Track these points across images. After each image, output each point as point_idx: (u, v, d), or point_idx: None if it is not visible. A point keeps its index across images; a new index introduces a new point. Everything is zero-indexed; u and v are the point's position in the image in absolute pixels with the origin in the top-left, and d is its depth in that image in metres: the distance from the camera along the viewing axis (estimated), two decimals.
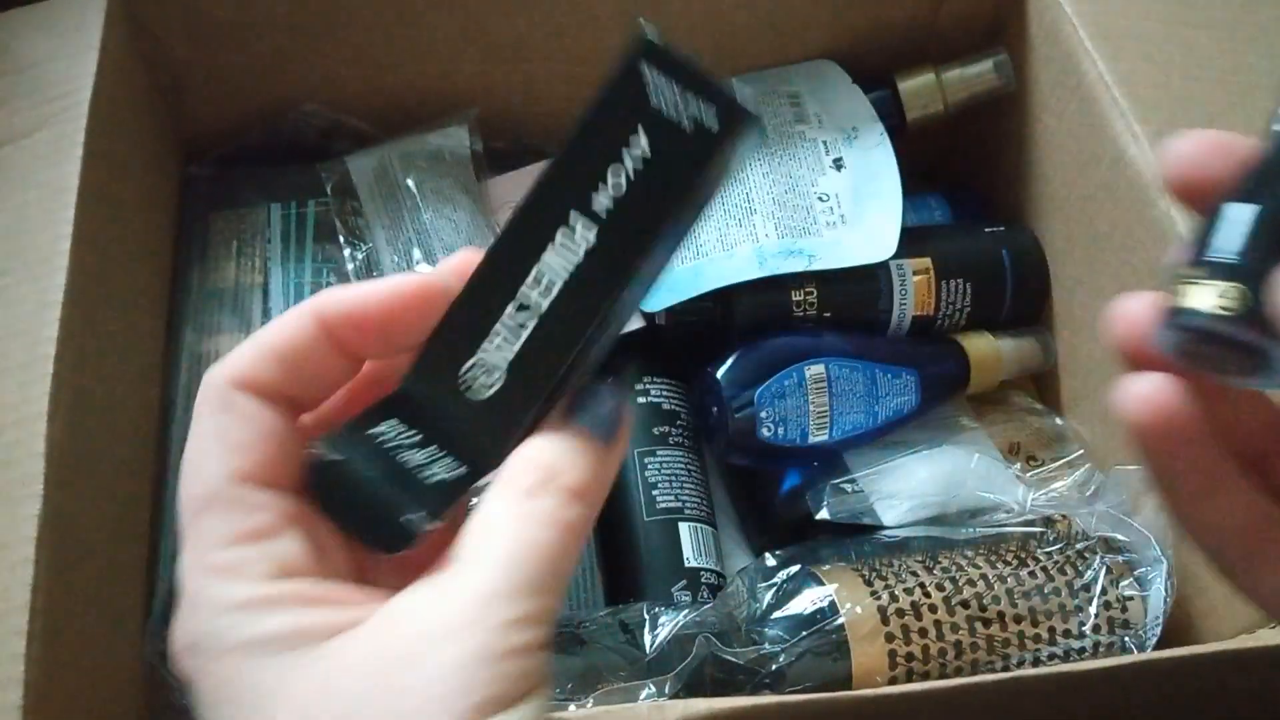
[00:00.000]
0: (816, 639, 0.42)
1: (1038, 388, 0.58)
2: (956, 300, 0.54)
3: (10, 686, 0.32)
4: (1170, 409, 0.23)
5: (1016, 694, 0.39)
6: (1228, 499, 0.24)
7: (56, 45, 0.46)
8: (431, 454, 0.24)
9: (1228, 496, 0.24)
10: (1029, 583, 0.44)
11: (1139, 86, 0.49)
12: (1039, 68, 0.56)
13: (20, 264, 0.40)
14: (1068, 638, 0.44)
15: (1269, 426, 0.26)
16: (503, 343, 0.24)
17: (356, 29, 0.55)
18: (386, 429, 0.24)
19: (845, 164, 0.55)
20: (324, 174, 0.55)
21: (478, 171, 0.56)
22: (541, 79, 0.58)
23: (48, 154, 0.43)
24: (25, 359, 0.37)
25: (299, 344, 0.25)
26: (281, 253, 0.53)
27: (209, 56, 0.54)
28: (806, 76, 0.58)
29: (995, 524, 0.48)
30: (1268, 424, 0.26)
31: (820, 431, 0.50)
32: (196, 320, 0.51)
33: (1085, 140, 0.51)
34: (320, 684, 0.21)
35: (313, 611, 0.22)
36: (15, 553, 0.34)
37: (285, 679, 0.22)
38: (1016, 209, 0.59)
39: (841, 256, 0.52)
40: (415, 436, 0.24)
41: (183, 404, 0.49)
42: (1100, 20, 0.52)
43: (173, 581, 0.44)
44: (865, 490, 0.50)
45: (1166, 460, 0.24)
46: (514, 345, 0.24)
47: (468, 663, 0.21)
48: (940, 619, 0.43)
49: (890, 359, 0.52)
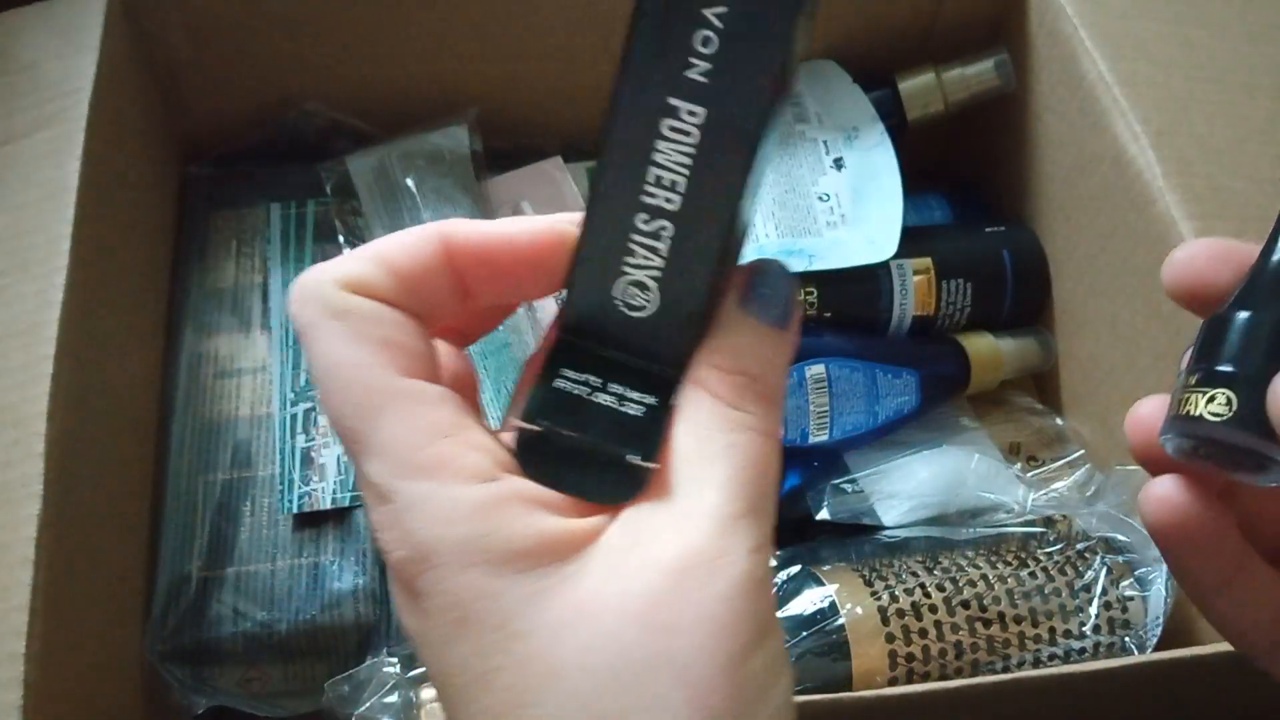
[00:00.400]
0: (817, 639, 0.42)
1: (1038, 388, 0.58)
2: (957, 300, 0.54)
3: (10, 686, 0.32)
4: (1184, 509, 0.24)
5: (1017, 694, 0.39)
6: (1250, 591, 0.25)
7: (56, 45, 0.46)
8: (619, 391, 0.23)
9: (1250, 588, 0.25)
10: (1029, 583, 0.44)
11: (1139, 86, 0.49)
12: (1039, 68, 0.56)
13: (20, 264, 0.40)
14: (1068, 638, 0.44)
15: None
16: (646, 255, 0.22)
17: (357, 28, 0.55)
18: (565, 383, 0.23)
19: (846, 164, 0.55)
20: (324, 174, 0.55)
21: (478, 171, 0.56)
22: (541, 79, 0.58)
23: (48, 154, 0.43)
24: (25, 359, 0.37)
25: (420, 263, 0.23)
26: (281, 252, 0.53)
27: (209, 56, 0.54)
28: (807, 76, 0.58)
29: (996, 524, 0.48)
30: None
31: (820, 431, 0.50)
32: (196, 320, 0.51)
33: (1085, 140, 0.51)
34: (575, 612, 0.20)
35: (549, 518, 0.21)
36: (15, 553, 0.34)
37: (534, 601, 0.20)
38: (1017, 209, 0.59)
39: (842, 256, 0.52)
40: (596, 380, 0.23)
41: (182, 404, 0.49)
42: (1100, 20, 0.52)
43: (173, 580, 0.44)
44: (865, 490, 0.50)
45: (1185, 557, 0.25)
46: (659, 255, 0.22)
47: (732, 596, 0.20)
48: (941, 619, 0.43)
49: (890, 359, 0.52)
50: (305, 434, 0.48)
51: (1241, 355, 0.23)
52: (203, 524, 0.46)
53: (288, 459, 0.47)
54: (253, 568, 0.45)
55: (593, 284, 0.23)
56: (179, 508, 0.46)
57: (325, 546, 0.46)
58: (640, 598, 0.20)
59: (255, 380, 0.50)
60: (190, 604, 0.44)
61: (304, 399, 0.49)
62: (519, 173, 0.57)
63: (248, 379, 0.50)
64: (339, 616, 0.44)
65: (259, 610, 0.44)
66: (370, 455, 0.21)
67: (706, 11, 0.21)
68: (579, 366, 0.23)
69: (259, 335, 0.51)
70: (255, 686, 0.45)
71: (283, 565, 0.45)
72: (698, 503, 0.21)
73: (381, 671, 0.42)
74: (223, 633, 0.44)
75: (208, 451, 0.48)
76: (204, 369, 0.50)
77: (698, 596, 0.20)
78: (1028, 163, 0.58)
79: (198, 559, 0.45)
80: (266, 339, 0.51)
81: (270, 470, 0.47)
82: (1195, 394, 0.23)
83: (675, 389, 0.23)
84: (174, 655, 0.43)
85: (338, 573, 0.45)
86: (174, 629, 0.44)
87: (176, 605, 0.44)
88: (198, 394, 0.49)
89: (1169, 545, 0.25)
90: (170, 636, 0.44)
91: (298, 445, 0.48)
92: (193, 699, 0.44)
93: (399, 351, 0.22)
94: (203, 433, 0.48)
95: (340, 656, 0.45)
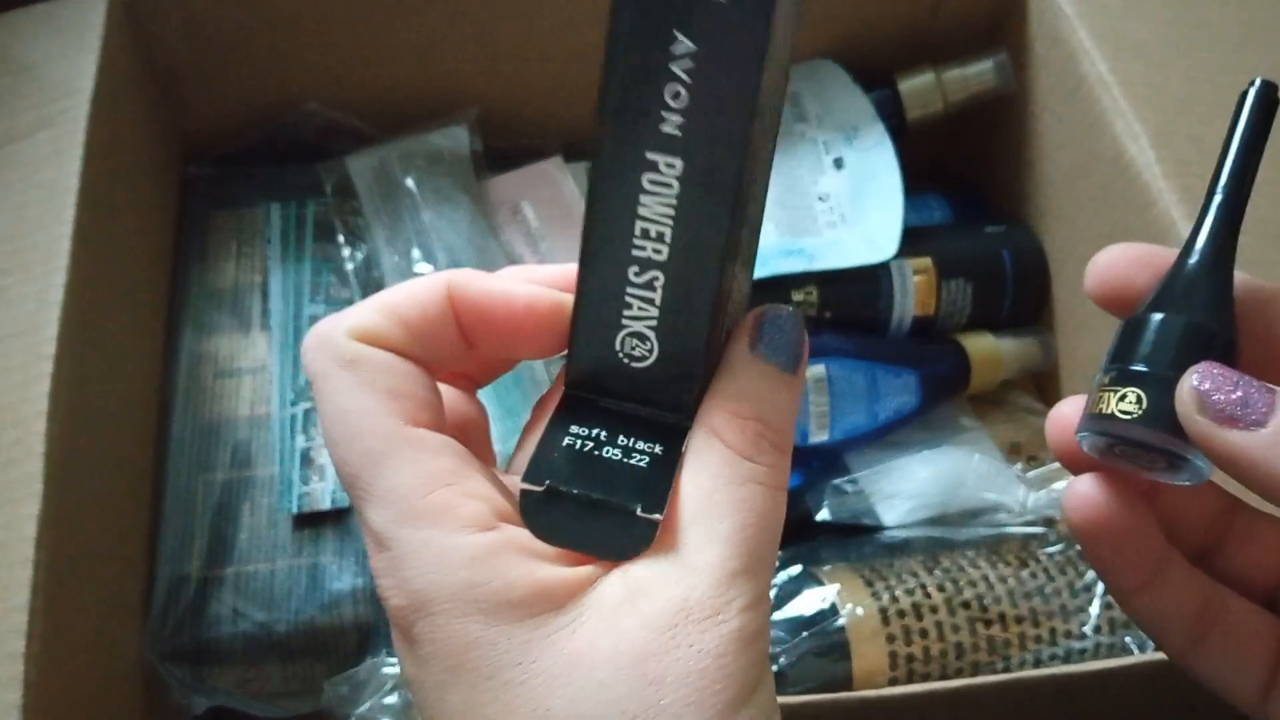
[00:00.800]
0: (817, 640, 0.42)
1: (1038, 388, 0.58)
2: (957, 300, 0.54)
3: (10, 686, 0.32)
4: (1104, 507, 0.25)
5: (1017, 695, 0.39)
6: (1169, 589, 0.26)
7: (56, 45, 0.46)
8: (626, 444, 0.23)
9: (1169, 586, 0.26)
10: (1030, 583, 0.44)
11: (1139, 87, 0.49)
12: (1039, 68, 0.56)
13: (20, 264, 0.40)
14: (1069, 638, 0.44)
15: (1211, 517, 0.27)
16: (642, 307, 0.23)
17: (356, 29, 0.55)
18: (572, 439, 0.23)
19: (845, 164, 0.55)
20: (323, 174, 0.55)
21: (478, 171, 0.56)
22: (541, 79, 0.58)
23: (48, 154, 0.43)
24: (25, 359, 0.37)
25: (427, 314, 0.23)
26: (281, 252, 0.53)
27: (209, 56, 0.54)
28: (806, 76, 0.58)
29: (996, 524, 0.48)
30: (1210, 515, 0.27)
31: (821, 431, 0.50)
32: (196, 320, 0.51)
33: (1085, 140, 0.51)
34: (568, 662, 0.20)
35: (545, 567, 0.21)
36: (15, 553, 0.34)
37: (528, 650, 0.20)
38: (1017, 209, 0.59)
39: (842, 256, 0.52)
40: (602, 433, 0.23)
41: (182, 404, 0.49)
42: (1100, 20, 0.52)
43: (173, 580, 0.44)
44: (866, 490, 0.50)
45: (1106, 555, 0.25)
46: (654, 305, 0.23)
47: (723, 652, 0.20)
48: (941, 620, 0.43)
49: (891, 359, 0.52)
50: (305, 434, 0.48)
51: (1152, 355, 0.24)
52: (202, 524, 0.46)
53: (287, 459, 0.47)
54: (252, 568, 0.45)
55: (594, 339, 0.23)
56: (179, 508, 0.46)
57: (325, 547, 0.46)
58: (633, 650, 0.20)
59: (255, 380, 0.50)
60: (190, 604, 0.44)
61: (304, 399, 0.49)
62: (519, 173, 0.57)
63: (247, 379, 0.50)
64: (338, 617, 0.44)
65: (258, 610, 0.44)
66: (372, 502, 0.22)
67: (674, 66, 0.21)
68: (586, 421, 0.23)
69: (259, 335, 0.51)
70: (254, 686, 0.45)
71: (282, 565, 0.45)
72: (698, 557, 0.21)
73: (381, 672, 0.42)
74: (222, 633, 0.44)
75: (207, 451, 0.48)
76: (204, 369, 0.50)
77: (689, 652, 0.20)
78: (1028, 163, 0.58)
79: (197, 559, 0.45)
80: (266, 339, 0.51)
81: (270, 470, 0.47)
82: (1108, 393, 0.24)
83: (683, 436, 0.23)
84: (174, 655, 0.43)
85: (337, 573, 0.45)
86: (174, 629, 0.44)
87: (176, 605, 0.44)
88: (198, 394, 0.49)
89: (1090, 543, 0.25)
90: (170, 636, 0.44)
91: (297, 445, 0.48)
92: (192, 699, 0.44)
93: (406, 400, 0.22)
94: (202, 433, 0.48)
95: (339, 657, 0.45)
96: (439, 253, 0.52)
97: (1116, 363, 0.24)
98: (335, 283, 0.52)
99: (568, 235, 0.54)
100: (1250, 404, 0.22)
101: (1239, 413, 0.22)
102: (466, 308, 0.24)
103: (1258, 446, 0.21)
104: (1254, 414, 0.22)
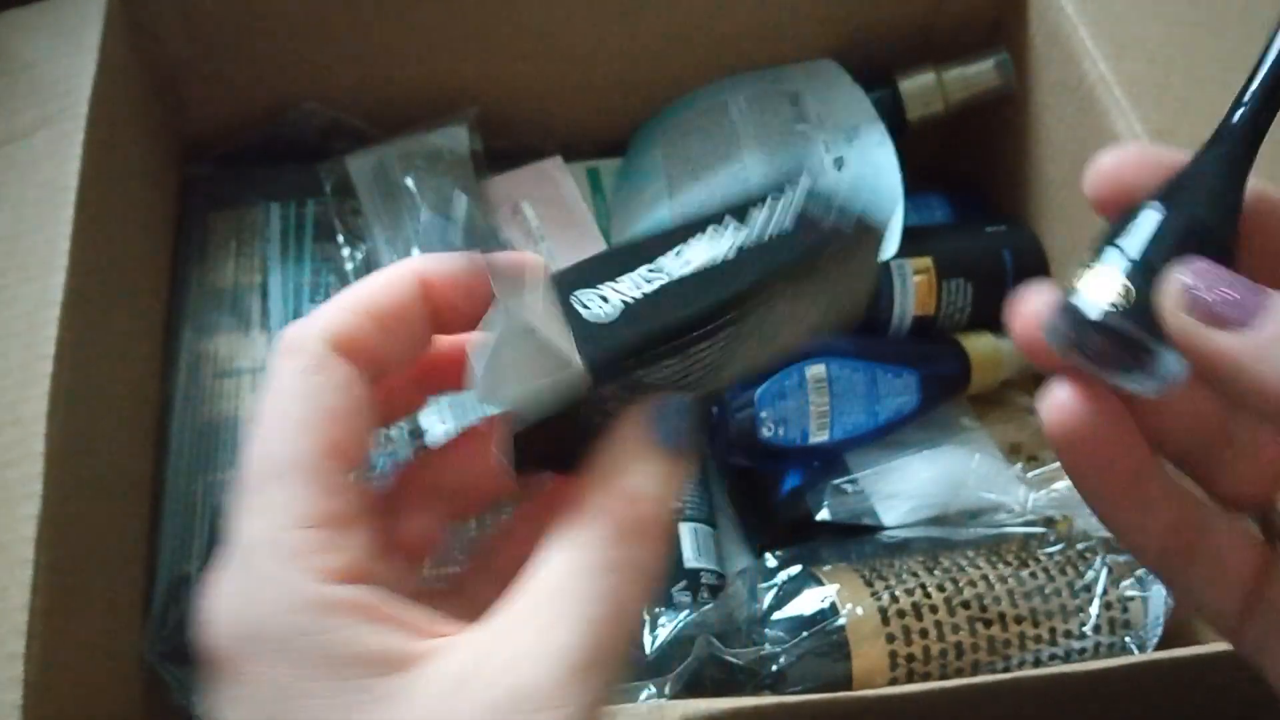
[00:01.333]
0: (817, 640, 0.42)
1: (1038, 388, 0.58)
2: (957, 300, 0.54)
3: (10, 686, 0.32)
4: (1083, 414, 0.23)
5: (1017, 695, 0.39)
6: (1149, 503, 0.24)
7: (56, 45, 0.46)
8: None
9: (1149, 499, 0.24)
10: (1030, 583, 0.44)
11: (1139, 86, 0.49)
12: (1039, 68, 0.56)
13: (20, 264, 0.40)
14: (1069, 638, 0.44)
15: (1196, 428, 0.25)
16: (628, 286, 0.24)
17: (356, 28, 0.54)
18: None
19: (846, 163, 0.55)
20: (323, 174, 0.55)
21: (477, 171, 0.56)
22: (541, 79, 0.58)
23: (48, 154, 0.43)
24: (25, 359, 0.37)
25: (399, 304, 0.23)
26: (280, 252, 0.53)
27: (209, 56, 0.54)
28: (807, 76, 0.58)
29: (996, 524, 0.48)
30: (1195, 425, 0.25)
31: (821, 431, 0.50)
32: (196, 320, 0.51)
33: (1085, 140, 0.51)
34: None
35: (390, 634, 0.20)
36: (15, 553, 0.34)
37: (351, 713, 0.20)
38: (1017, 209, 0.59)
39: None
40: None
41: (182, 404, 0.49)
42: (1100, 20, 0.52)
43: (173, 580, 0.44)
44: (866, 490, 0.50)
45: (1086, 466, 0.24)
46: (635, 292, 0.24)
47: None
48: (941, 620, 0.43)
49: (891, 359, 0.52)
50: None
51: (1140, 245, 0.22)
52: (202, 524, 0.46)
53: None
54: None
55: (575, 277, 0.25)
56: (179, 508, 0.46)
57: None
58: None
59: (255, 380, 0.50)
60: (190, 604, 0.44)
61: None
62: (519, 173, 0.57)
63: (247, 379, 0.50)
64: None
65: None
66: (246, 515, 0.21)
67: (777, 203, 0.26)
68: None
69: (258, 335, 0.51)
70: None
71: None
72: (549, 642, 0.20)
73: None
74: None
75: (207, 451, 0.48)
76: (203, 369, 0.50)
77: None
78: (1028, 163, 0.58)
79: (197, 559, 0.45)
80: (266, 339, 0.50)
81: None
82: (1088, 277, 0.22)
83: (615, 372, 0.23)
84: (174, 655, 0.43)
85: None
86: (174, 629, 0.44)
87: (176, 605, 0.44)
88: (197, 394, 0.49)
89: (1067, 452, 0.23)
90: (170, 636, 0.43)
91: None
92: (192, 699, 0.44)
93: (338, 427, 0.22)
94: (202, 433, 0.48)
95: None
96: None
97: (1101, 249, 0.23)
98: (335, 283, 0.52)
99: (567, 235, 0.54)
100: (1238, 304, 0.20)
101: (1225, 311, 0.20)
102: (441, 284, 0.24)
103: (1243, 348, 0.20)
104: (1241, 314, 0.20)
